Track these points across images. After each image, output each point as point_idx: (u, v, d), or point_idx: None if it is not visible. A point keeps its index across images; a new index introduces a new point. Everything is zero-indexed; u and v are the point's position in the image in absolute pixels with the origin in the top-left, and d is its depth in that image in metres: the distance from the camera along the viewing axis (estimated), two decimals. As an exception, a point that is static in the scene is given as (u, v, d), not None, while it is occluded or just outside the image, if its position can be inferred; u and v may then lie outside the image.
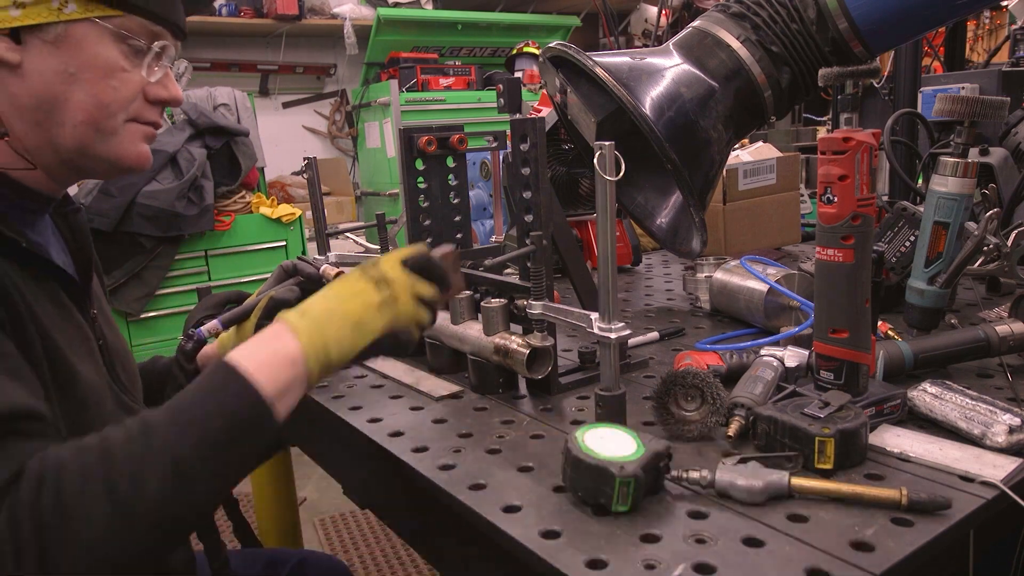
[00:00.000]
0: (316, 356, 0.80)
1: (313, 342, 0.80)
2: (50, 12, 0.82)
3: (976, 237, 1.15)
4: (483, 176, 2.35)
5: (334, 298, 0.85)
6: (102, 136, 0.88)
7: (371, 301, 0.85)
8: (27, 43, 0.82)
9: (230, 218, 3.32)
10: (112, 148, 0.90)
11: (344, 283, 0.87)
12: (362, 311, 0.84)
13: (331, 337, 0.81)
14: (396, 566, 2.66)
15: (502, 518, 0.78)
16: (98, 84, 0.86)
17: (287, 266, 1.29)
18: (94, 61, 0.85)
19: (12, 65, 0.83)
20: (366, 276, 0.87)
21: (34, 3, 0.81)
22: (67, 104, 0.85)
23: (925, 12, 1.13)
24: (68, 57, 0.84)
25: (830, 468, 0.81)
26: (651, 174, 1.58)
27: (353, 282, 0.86)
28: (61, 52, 0.84)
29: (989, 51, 3.97)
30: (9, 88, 0.84)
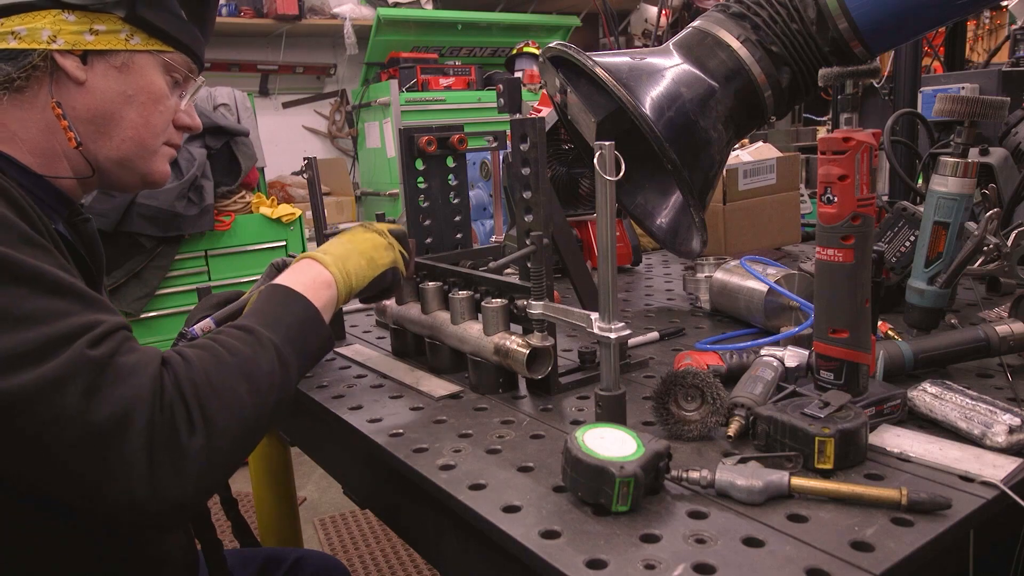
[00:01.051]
0: (344, 281, 1.02)
1: (340, 270, 1.02)
2: (119, 41, 0.96)
3: (976, 237, 1.15)
4: (483, 176, 2.35)
5: (349, 241, 1.08)
6: (143, 153, 1.02)
7: (379, 243, 1.10)
8: (93, 64, 0.95)
9: (230, 218, 3.32)
10: (148, 164, 1.03)
11: (355, 232, 1.11)
12: (373, 250, 1.09)
13: (352, 267, 1.04)
14: (396, 566, 2.66)
15: (502, 518, 0.78)
16: (149, 107, 1.00)
17: (278, 263, 1.29)
18: (149, 87, 0.99)
19: (78, 81, 0.94)
20: (369, 228, 1.12)
21: (106, 32, 0.94)
22: (120, 121, 0.98)
23: (925, 12, 1.13)
24: (129, 81, 0.97)
25: (830, 468, 0.81)
26: (651, 174, 1.58)
27: (362, 231, 1.11)
28: (123, 76, 0.97)
29: (989, 51, 3.97)
30: (71, 101, 0.95)
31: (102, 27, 0.94)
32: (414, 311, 1.24)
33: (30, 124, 0.94)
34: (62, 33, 0.92)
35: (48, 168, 0.96)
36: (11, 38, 0.91)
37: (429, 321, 1.20)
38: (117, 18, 0.94)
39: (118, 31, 0.95)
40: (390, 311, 1.30)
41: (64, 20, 0.92)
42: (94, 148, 0.98)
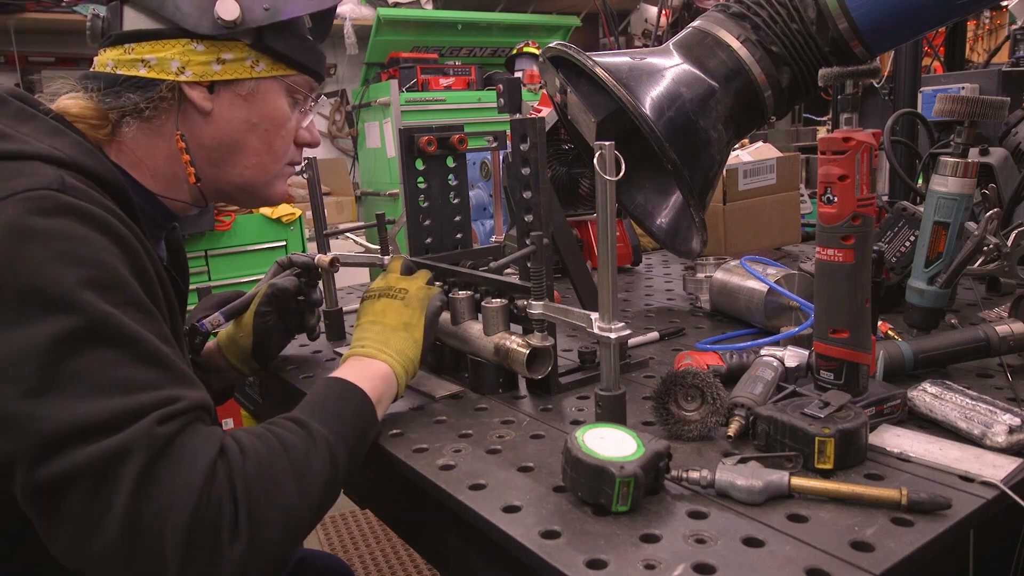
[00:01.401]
0: (399, 363, 0.97)
1: (390, 356, 0.97)
2: (245, 69, 0.95)
3: (976, 237, 1.15)
4: (483, 176, 2.35)
5: (372, 324, 1.01)
6: (267, 177, 1.02)
7: (397, 306, 1.02)
8: (219, 93, 0.95)
9: (230, 218, 3.32)
10: (270, 189, 1.04)
11: (368, 310, 1.03)
12: (398, 316, 1.01)
13: (398, 345, 0.98)
14: (396, 566, 2.66)
15: (502, 518, 0.78)
16: (272, 133, 1.00)
17: (282, 261, 1.30)
18: (273, 113, 0.99)
19: (204, 112, 0.95)
20: (375, 295, 1.05)
21: (233, 60, 0.94)
22: (245, 149, 0.98)
23: (925, 12, 1.13)
24: (254, 109, 0.97)
25: (830, 468, 0.81)
26: (651, 174, 1.58)
27: (372, 304, 1.04)
28: (249, 104, 0.97)
29: (989, 51, 3.97)
30: (195, 130, 0.95)
31: (229, 56, 0.94)
32: (414, 311, 1.23)
33: (155, 151, 0.94)
34: (191, 64, 0.92)
35: (167, 192, 0.97)
36: (141, 66, 0.92)
37: (429, 321, 1.20)
38: (244, 46, 0.94)
39: (244, 59, 0.95)
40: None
41: (193, 51, 0.92)
42: (217, 174, 0.98)
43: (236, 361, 1.21)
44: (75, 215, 0.74)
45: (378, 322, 1.01)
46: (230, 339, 1.22)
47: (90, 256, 0.73)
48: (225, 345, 1.21)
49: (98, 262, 0.73)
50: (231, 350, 1.21)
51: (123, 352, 0.71)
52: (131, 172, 0.94)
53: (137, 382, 0.71)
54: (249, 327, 1.19)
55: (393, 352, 0.97)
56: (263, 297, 1.19)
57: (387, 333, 0.99)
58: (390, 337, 0.99)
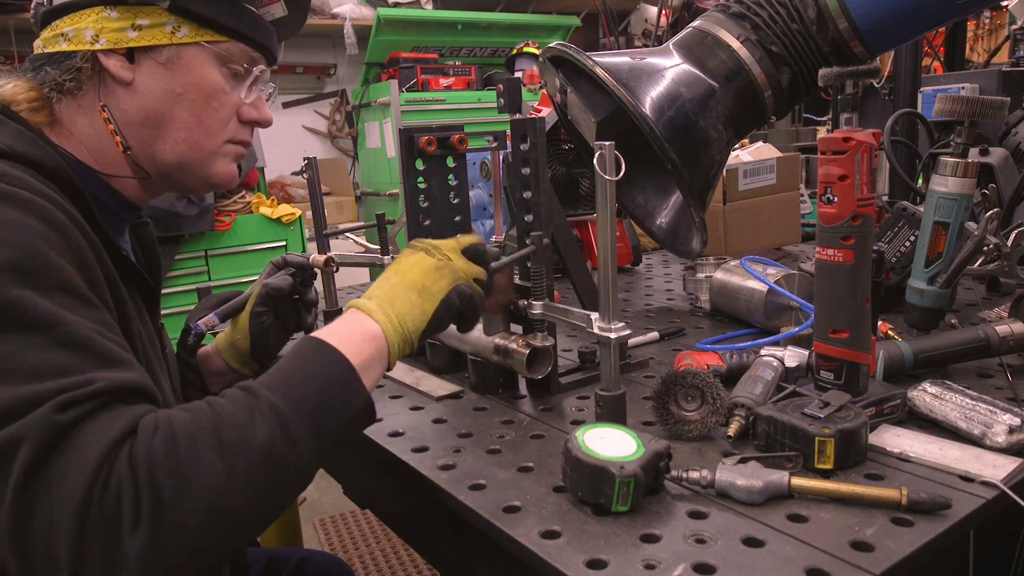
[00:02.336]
0: (394, 328, 0.85)
1: (387, 316, 0.85)
2: (164, 35, 0.89)
3: (976, 237, 1.15)
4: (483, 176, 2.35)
5: (394, 274, 0.90)
6: (200, 154, 0.95)
7: (428, 266, 0.90)
8: (139, 62, 0.89)
9: (230, 218, 3.32)
10: (207, 166, 0.96)
11: (399, 260, 0.93)
12: (422, 276, 0.89)
13: (402, 308, 0.87)
14: (396, 566, 2.66)
15: (502, 518, 0.78)
16: (201, 104, 0.93)
17: (277, 261, 1.29)
18: (200, 82, 0.92)
19: (125, 82, 0.89)
20: (417, 249, 0.94)
21: (150, 26, 0.88)
22: (172, 122, 0.92)
23: (925, 12, 1.13)
24: (177, 77, 0.91)
25: (830, 468, 0.81)
26: (651, 174, 1.58)
27: (407, 256, 0.93)
28: (171, 72, 0.90)
29: (989, 51, 3.97)
30: (120, 103, 0.90)
31: (145, 21, 0.89)
32: (414, 311, 1.23)
33: (89, 128, 0.91)
34: (104, 32, 0.88)
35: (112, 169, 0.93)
36: (62, 40, 0.89)
37: (429, 321, 1.20)
38: (161, 10, 0.89)
39: (163, 24, 0.89)
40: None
41: (107, 17, 0.88)
42: (150, 151, 0.93)
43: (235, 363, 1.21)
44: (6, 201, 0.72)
45: (399, 274, 0.90)
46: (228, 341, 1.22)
47: (15, 239, 0.70)
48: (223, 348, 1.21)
49: (23, 245, 0.70)
50: (229, 352, 1.21)
51: (34, 336, 0.67)
52: (75, 154, 0.91)
53: (46, 367, 0.67)
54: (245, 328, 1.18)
55: (394, 315, 0.86)
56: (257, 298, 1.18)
57: (398, 290, 0.88)
58: (399, 296, 0.87)
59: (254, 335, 1.17)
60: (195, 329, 1.14)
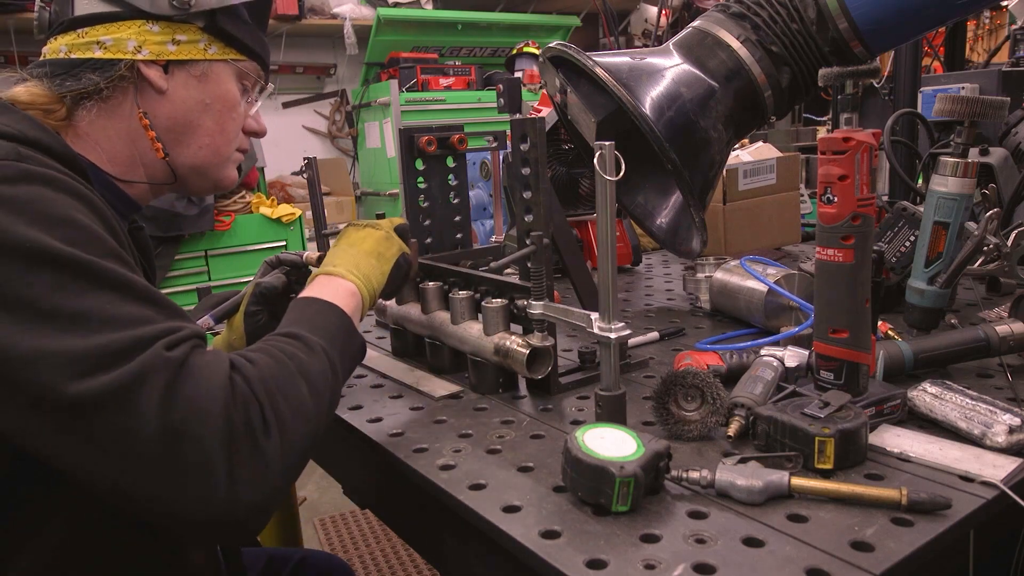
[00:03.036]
0: (365, 285, 1.01)
1: (357, 276, 1.01)
2: (198, 51, 0.99)
3: (976, 237, 1.15)
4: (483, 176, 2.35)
5: (349, 246, 1.06)
6: (218, 160, 1.05)
7: (379, 236, 1.07)
8: (174, 74, 0.98)
9: (230, 218, 3.32)
10: (222, 171, 1.06)
11: (348, 235, 1.08)
12: (376, 245, 1.06)
13: (367, 270, 1.03)
14: (396, 566, 2.66)
15: (502, 518, 0.78)
16: (224, 115, 1.03)
17: (271, 260, 1.29)
18: (225, 95, 1.02)
19: (160, 91, 0.97)
20: (361, 226, 1.09)
21: (187, 42, 0.98)
22: (198, 129, 1.01)
23: (925, 12, 1.13)
24: (207, 90, 1.00)
25: (830, 468, 0.81)
26: (651, 174, 1.58)
27: (355, 231, 1.08)
28: (202, 85, 1.00)
29: (989, 51, 3.97)
30: (153, 109, 0.98)
31: (183, 37, 0.97)
32: (414, 311, 1.24)
33: (112, 133, 0.96)
34: (147, 44, 0.95)
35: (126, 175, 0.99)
36: (96, 48, 0.94)
37: (429, 321, 1.20)
38: (197, 28, 0.98)
39: (198, 41, 0.98)
40: (390, 311, 1.30)
41: (148, 31, 0.95)
42: (173, 155, 1.00)
43: None
44: (39, 181, 0.76)
45: (354, 246, 1.05)
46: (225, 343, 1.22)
47: (63, 216, 0.75)
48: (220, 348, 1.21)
49: (72, 221, 0.75)
50: (225, 349, 1.21)
51: (117, 292, 0.74)
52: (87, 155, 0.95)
53: (140, 317, 0.74)
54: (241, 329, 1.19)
55: (361, 276, 1.01)
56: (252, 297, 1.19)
57: (359, 257, 1.04)
58: (361, 261, 1.03)
59: (250, 335, 1.17)
60: None
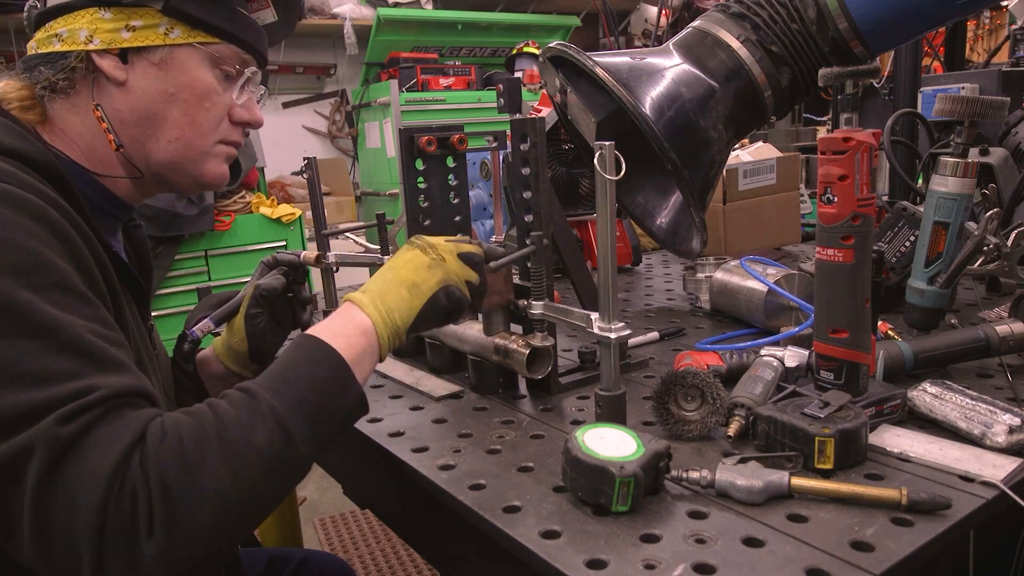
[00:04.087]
0: (384, 322, 0.88)
1: (378, 310, 0.88)
2: (157, 36, 0.90)
3: (976, 237, 1.15)
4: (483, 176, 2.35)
5: (388, 269, 0.94)
6: (193, 153, 0.96)
7: (420, 263, 0.93)
8: (133, 63, 0.91)
9: (230, 218, 3.32)
10: (200, 166, 0.98)
11: (396, 255, 0.96)
12: (414, 273, 0.92)
13: (392, 303, 0.89)
14: (396, 566, 2.66)
15: (502, 518, 0.78)
16: (194, 105, 0.94)
17: (268, 260, 1.28)
18: (193, 83, 0.93)
19: (118, 82, 0.90)
20: (414, 245, 0.96)
21: (143, 27, 0.90)
22: (165, 121, 0.93)
23: (925, 12, 1.13)
24: (170, 78, 0.92)
25: (830, 468, 0.81)
26: (651, 174, 1.58)
27: (403, 252, 0.96)
28: (164, 73, 0.92)
29: (989, 51, 3.97)
30: (114, 103, 0.91)
31: (139, 22, 0.90)
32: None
33: (83, 128, 0.92)
34: (98, 32, 0.89)
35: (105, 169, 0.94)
36: (56, 41, 0.90)
37: (429, 321, 1.20)
38: (155, 11, 0.90)
39: (156, 25, 0.90)
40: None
41: (100, 18, 0.89)
42: (143, 151, 0.94)
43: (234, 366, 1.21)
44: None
45: (393, 269, 0.93)
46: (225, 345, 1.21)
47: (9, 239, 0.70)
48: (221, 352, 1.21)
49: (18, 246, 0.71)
50: (228, 356, 1.21)
51: (34, 341, 0.68)
52: (67, 152, 0.92)
53: (50, 372, 0.67)
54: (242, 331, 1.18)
55: (384, 309, 0.89)
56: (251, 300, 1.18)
57: (391, 285, 0.91)
58: (390, 291, 0.91)
59: (251, 337, 1.17)
60: (191, 336, 1.14)
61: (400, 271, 0.93)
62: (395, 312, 0.89)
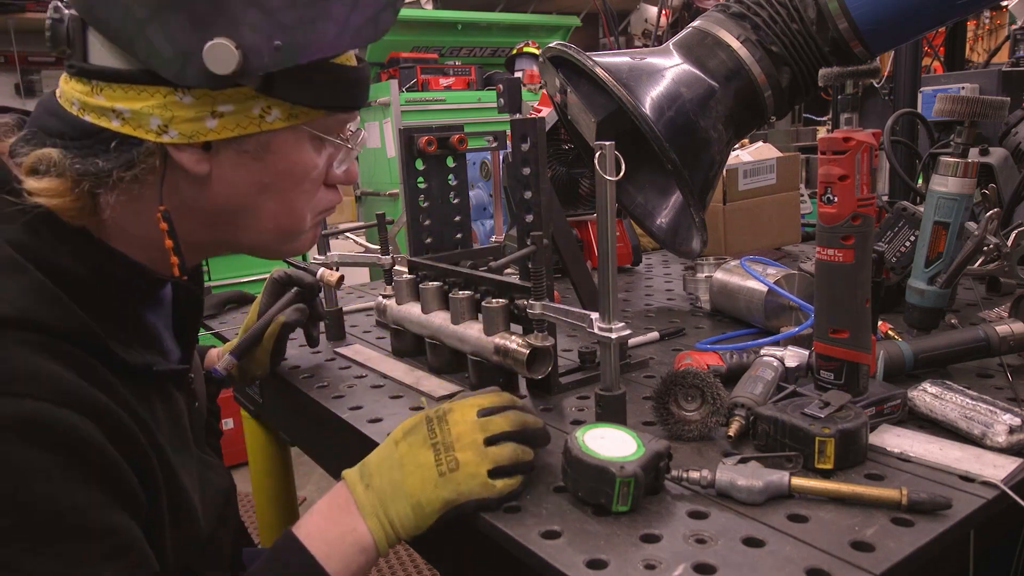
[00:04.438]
0: (386, 537, 0.78)
1: (381, 524, 0.77)
2: (251, 122, 0.72)
3: (976, 237, 1.15)
4: (483, 176, 2.35)
5: (398, 467, 0.78)
6: (287, 239, 0.83)
7: (430, 476, 0.77)
8: (218, 151, 0.73)
9: (230, 218, 3.31)
10: (294, 248, 0.85)
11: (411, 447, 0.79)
12: (420, 490, 0.77)
13: (395, 516, 0.77)
14: (396, 566, 2.66)
15: (502, 518, 0.77)
16: (292, 191, 0.79)
17: (279, 277, 1.27)
18: (292, 169, 0.77)
19: (198, 176, 0.74)
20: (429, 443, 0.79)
21: (234, 112, 0.71)
22: (256, 213, 0.78)
23: (925, 12, 1.13)
24: (266, 168, 0.76)
25: (830, 468, 0.81)
26: (651, 174, 1.58)
27: (418, 449, 0.78)
28: (259, 163, 0.75)
29: (989, 51, 3.97)
30: (188, 196, 0.75)
31: (228, 107, 0.71)
32: (414, 311, 1.24)
33: (140, 219, 0.74)
34: (175, 122, 0.70)
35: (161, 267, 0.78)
36: (113, 117, 0.70)
37: (429, 321, 1.20)
38: (249, 90, 0.71)
39: (250, 108, 0.72)
40: (390, 311, 1.30)
41: (178, 103, 0.70)
42: (223, 239, 0.80)
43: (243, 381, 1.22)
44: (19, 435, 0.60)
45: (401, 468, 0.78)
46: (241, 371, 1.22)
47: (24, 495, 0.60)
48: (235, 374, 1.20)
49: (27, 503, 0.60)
50: (242, 377, 1.22)
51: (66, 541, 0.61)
52: (114, 244, 0.75)
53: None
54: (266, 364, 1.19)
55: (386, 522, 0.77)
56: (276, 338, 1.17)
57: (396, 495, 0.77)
58: (394, 502, 0.77)
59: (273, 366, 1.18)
60: (216, 375, 1.12)
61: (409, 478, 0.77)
62: (397, 527, 0.77)
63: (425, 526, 0.77)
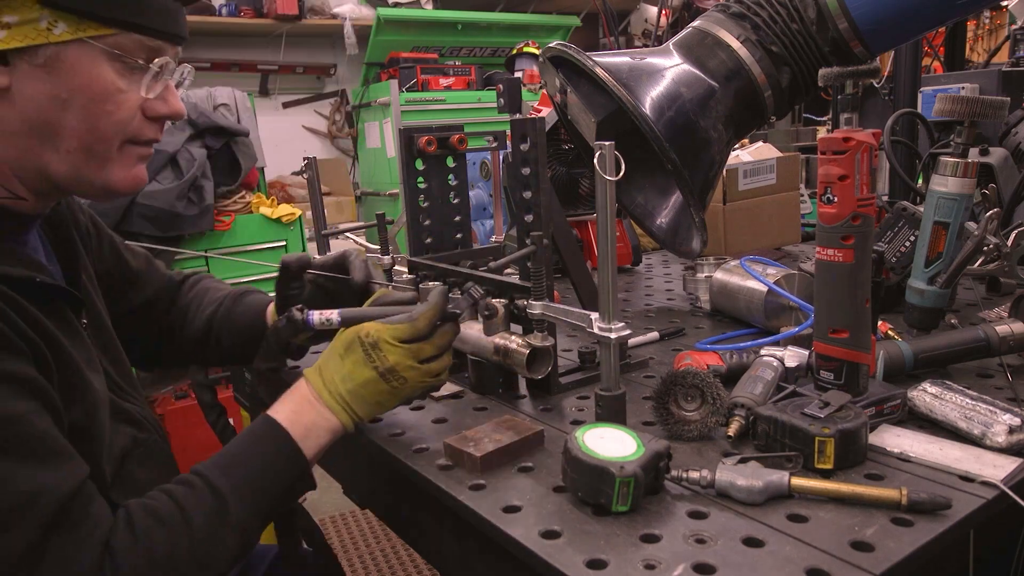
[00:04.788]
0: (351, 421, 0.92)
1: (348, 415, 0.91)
2: (38, 33, 0.75)
3: (976, 237, 1.15)
4: (483, 176, 2.35)
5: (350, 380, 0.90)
6: (95, 162, 0.84)
7: (382, 389, 0.90)
8: (16, 66, 0.77)
9: (230, 218, 3.31)
10: (105, 174, 0.85)
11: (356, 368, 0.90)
12: (377, 396, 0.91)
13: (359, 409, 0.91)
14: (396, 566, 2.66)
15: (502, 518, 0.78)
16: (92, 109, 0.81)
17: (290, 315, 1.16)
18: (88, 85, 0.79)
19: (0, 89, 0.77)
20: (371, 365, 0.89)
21: (20, 23, 0.75)
22: (60, 130, 0.80)
23: (925, 12, 1.13)
24: (60, 81, 0.78)
25: (830, 468, 0.81)
26: (651, 174, 1.58)
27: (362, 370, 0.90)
28: (52, 76, 0.78)
29: (989, 51, 3.97)
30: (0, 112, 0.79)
31: (13, 18, 0.74)
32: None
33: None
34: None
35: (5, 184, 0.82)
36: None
37: (429, 321, 1.19)
38: (31, 4, 0.74)
39: (35, 20, 0.75)
40: (390, 311, 1.30)
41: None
42: (39, 163, 0.82)
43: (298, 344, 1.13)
44: None
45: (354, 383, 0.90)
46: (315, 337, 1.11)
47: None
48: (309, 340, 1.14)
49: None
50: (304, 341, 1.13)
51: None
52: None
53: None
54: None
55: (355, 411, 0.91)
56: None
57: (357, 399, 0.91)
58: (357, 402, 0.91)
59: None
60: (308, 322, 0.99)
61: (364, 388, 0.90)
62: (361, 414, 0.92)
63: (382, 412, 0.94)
